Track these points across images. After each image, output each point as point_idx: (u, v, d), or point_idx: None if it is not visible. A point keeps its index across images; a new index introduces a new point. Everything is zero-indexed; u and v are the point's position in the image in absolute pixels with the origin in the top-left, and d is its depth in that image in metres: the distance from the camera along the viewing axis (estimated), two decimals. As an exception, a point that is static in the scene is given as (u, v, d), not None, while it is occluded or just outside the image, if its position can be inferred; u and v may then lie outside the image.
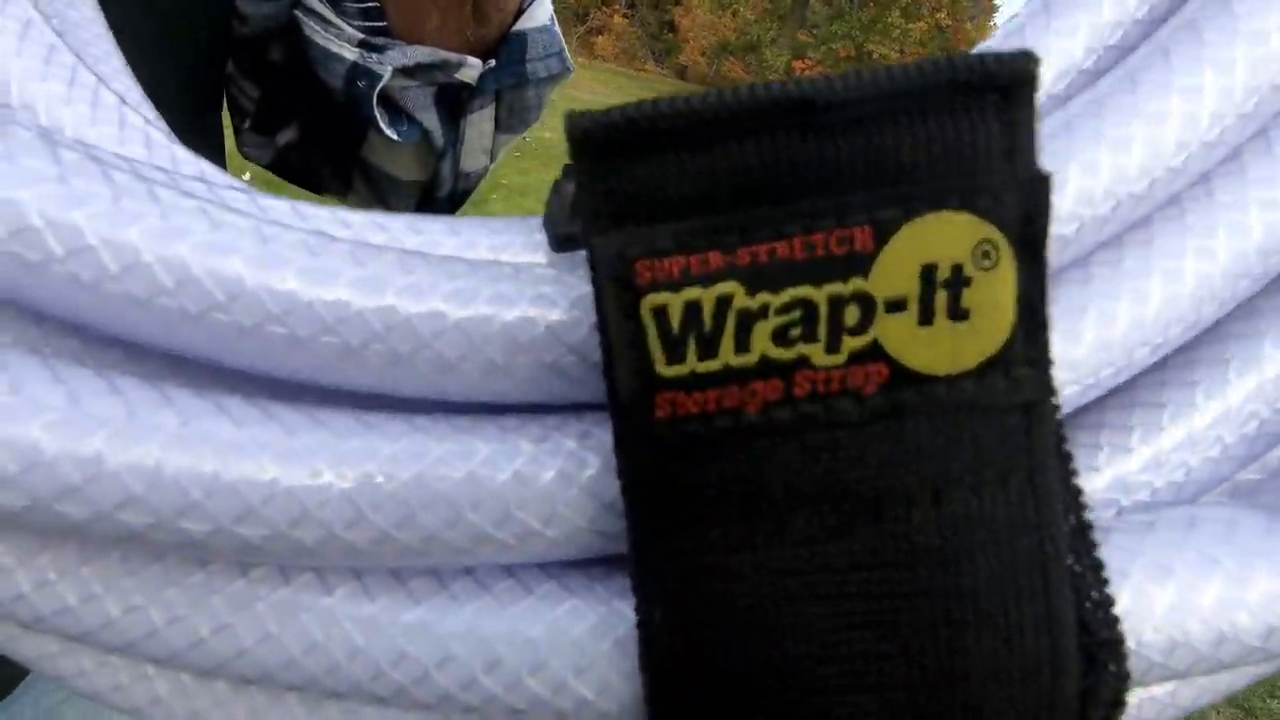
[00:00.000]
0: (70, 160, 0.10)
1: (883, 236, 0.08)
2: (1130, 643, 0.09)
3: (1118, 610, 0.09)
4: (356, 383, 0.10)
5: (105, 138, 0.12)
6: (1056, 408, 0.09)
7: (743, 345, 0.09)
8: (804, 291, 0.08)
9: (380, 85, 0.30)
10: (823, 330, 0.08)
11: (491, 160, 0.37)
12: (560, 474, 0.10)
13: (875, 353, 0.09)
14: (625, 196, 0.08)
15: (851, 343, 0.09)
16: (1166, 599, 0.10)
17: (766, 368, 0.09)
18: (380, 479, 0.09)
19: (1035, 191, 0.08)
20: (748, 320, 0.08)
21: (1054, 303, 0.11)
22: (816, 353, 0.09)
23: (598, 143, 0.08)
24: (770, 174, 0.08)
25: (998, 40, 0.13)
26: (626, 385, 0.09)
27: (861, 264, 0.08)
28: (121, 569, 0.10)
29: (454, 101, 0.33)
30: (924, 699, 0.09)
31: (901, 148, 0.08)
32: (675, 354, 0.09)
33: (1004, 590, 0.09)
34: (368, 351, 0.09)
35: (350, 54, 0.30)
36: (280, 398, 0.10)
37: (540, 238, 0.11)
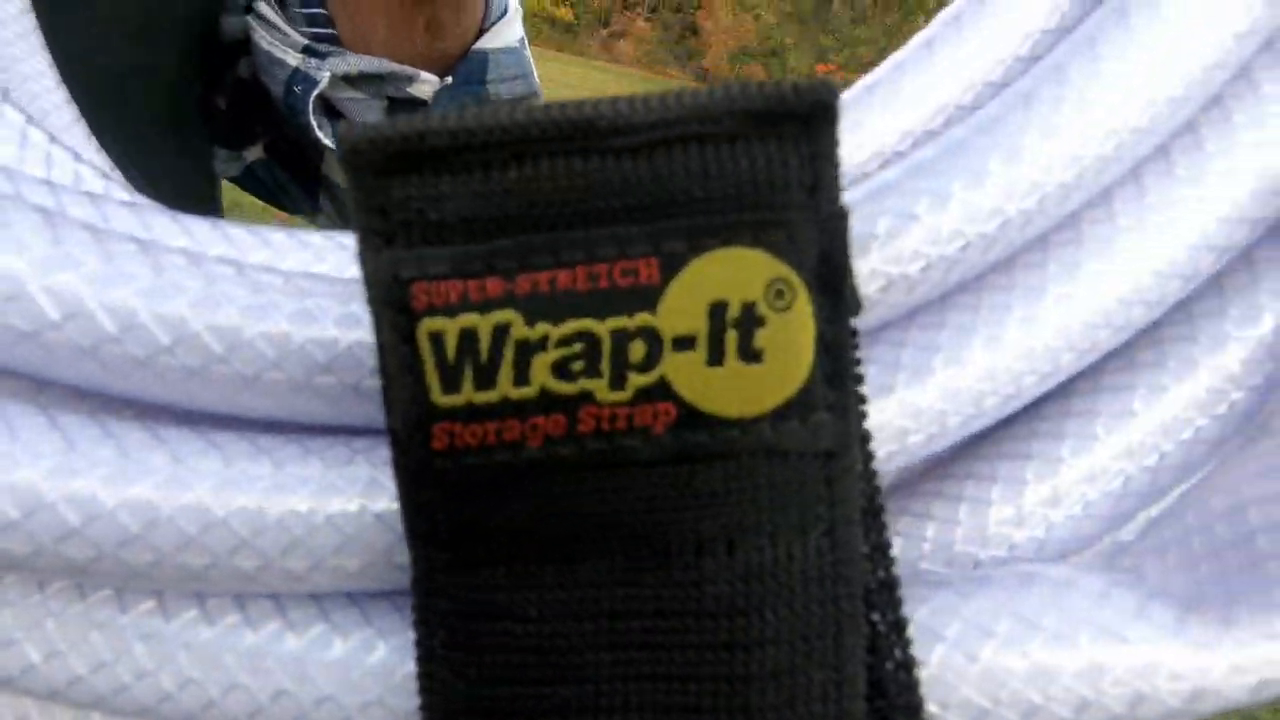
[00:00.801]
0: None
1: (669, 270, 0.08)
2: (933, 708, 0.09)
3: (925, 673, 0.09)
4: (154, 394, 0.10)
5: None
6: (868, 456, 0.09)
7: (522, 377, 0.08)
8: (586, 324, 0.08)
9: (316, 90, 0.29)
10: (606, 365, 0.08)
11: None
12: (359, 503, 0.09)
13: (663, 391, 0.08)
14: (400, 216, 0.08)
15: (637, 379, 0.08)
16: (981, 663, 0.09)
17: (548, 401, 0.08)
18: (158, 499, 0.09)
19: (835, 229, 0.08)
20: (527, 351, 0.08)
21: (902, 346, 0.10)
22: (600, 388, 0.08)
23: (371, 159, 0.08)
24: (553, 200, 0.08)
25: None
26: (403, 413, 0.08)
27: (648, 298, 0.08)
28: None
29: (404, 112, 0.32)
30: None
31: (691, 177, 0.08)
32: (452, 383, 0.08)
33: (794, 647, 0.08)
34: (155, 363, 0.09)
35: (293, 60, 0.30)
36: (112, 413, 0.10)
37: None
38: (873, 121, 0.11)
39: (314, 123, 0.30)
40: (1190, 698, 0.09)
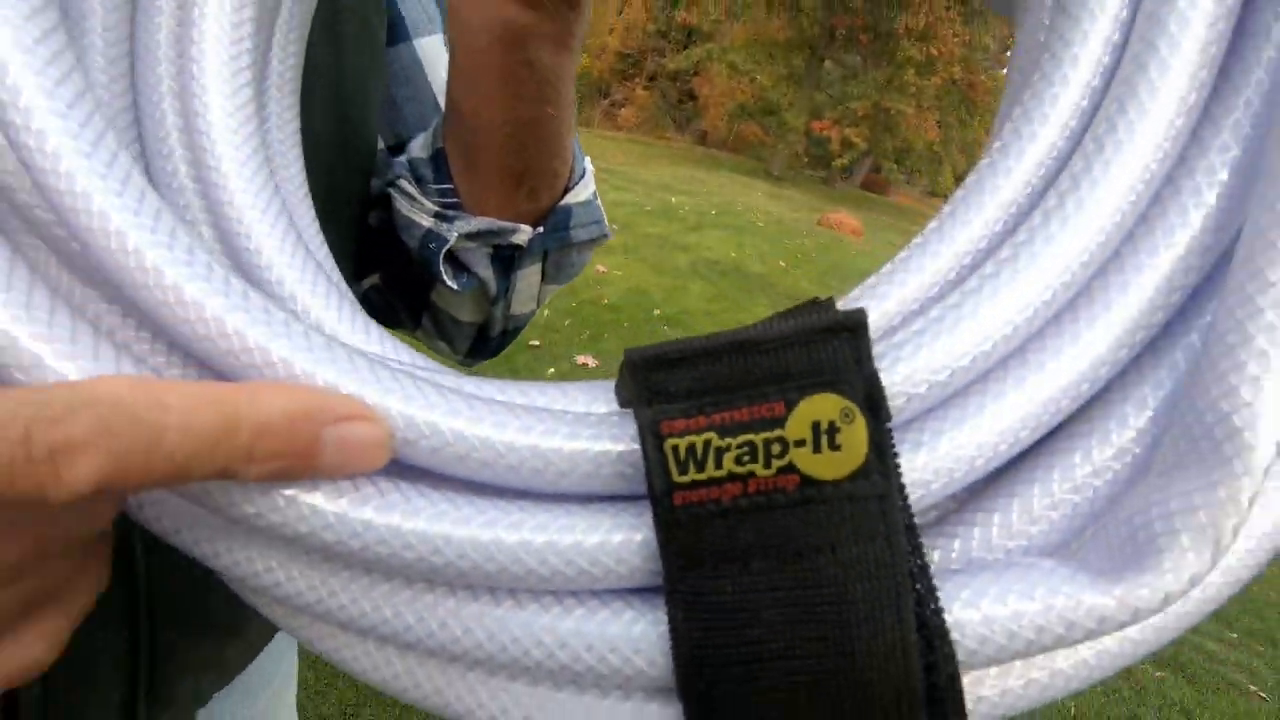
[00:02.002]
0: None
1: (790, 406, 0.16)
2: (955, 635, 0.16)
3: (949, 618, 0.16)
4: (487, 479, 0.18)
5: (337, 325, 0.21)
6: (904, 498, 0.16)
7: (719, 465, 0.16)
8: (749, 437, 0.16)
9: (446, 247, 0.37)
10: (761, 456, 0.16)
11: (538, 306, 0.44)
12: (626, 535, 0.17)
13: (791, 469, 0.16)
14: (656, 389, 0.16)
15: (778, 463, 0.16)
16: (981, 610, 0.16)
17: (732, 477, 0.16)
18: (511, 540, 0.17)
19: (873, 379, 0.16)
20: (721, 452, 0.16)
21: (922, 432, 0.18)
22: (759, 469, 0.16)
23: (644, 362, 0.16)
24: (731, 377, 0.16)
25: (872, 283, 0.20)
26: (658, 487, 0.16)
27: (780, 422, 0.16)
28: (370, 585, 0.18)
29: (508, 258, 0.40)
30: (829, 664, 0.16)
31: (798, 362, 0.16)
32: (683, 470, 0.16)
33: (874, 603, 0.16)
34: (497, 466, 0.17)
35: (426, 222, 0.38)
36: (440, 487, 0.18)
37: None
38: (885, 307, 0.19)
39: (443, 271, 0.38)
40: (1099, 623, 0.16)
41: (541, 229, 0.39)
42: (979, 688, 0.17)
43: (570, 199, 0.39)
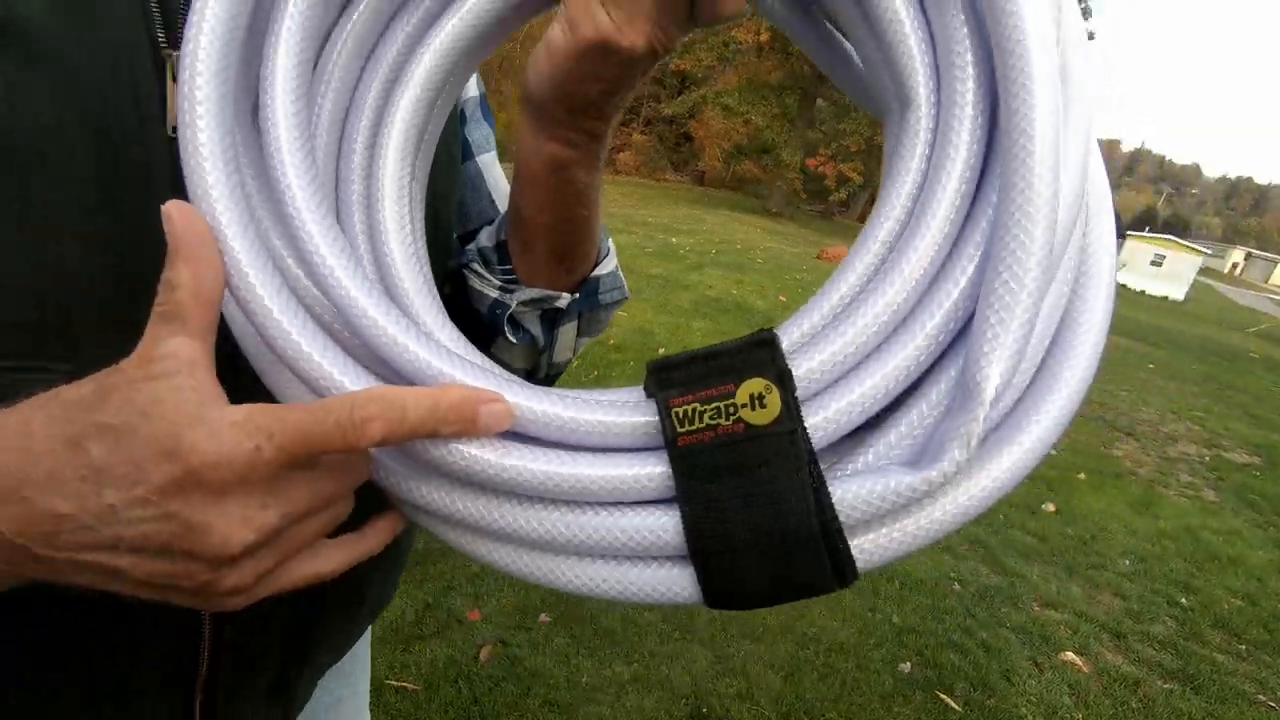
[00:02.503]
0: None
1: (737, 386, 0.29)
2: (837, 505, 0.29)
3: (834, 494, 0.29)
4: (580, 441, 0.31)
5: (468, 354, 0.34)
6: (806, 435, 0.30)
7: (700, 421, 0.29)
8: (717, 404, 0.29)
9: (509, 312, 0.50)
10: (723, 415, 0.29)
11: (574, 355, 0.57)
12: (652, 467, 0.30)
13: (739, 421, 0.29)
14: (664, 381, 0.29)
15: (732, 418, 0.29)
16: (850, 491, 0.29)
17: (709, 427, 0.29)
18: (585, 471, 0.30)
19: (782, 370, 0.29)
20: (702, 414, 0.29)
21: (816, 397, 0.31)
22: (723, 422, 0.29)
23: (654, 368, 0.29)
24: (705, 372, 0.29)
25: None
26: (668, 436, 0.29)
27: (732, 395, 0.29)
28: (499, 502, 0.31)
29: (552, 318, 0.53)
30: (769, 525, 0.29)
31: (741, 362, 0.29)
32: (682, 425, 0.29)
33: (790, 489, 0.29)
34: (582, 433, 0.30)
35: (493, 293, 0.51)
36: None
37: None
38: (802, 326, 0.32)
39: (506, 330, 0.51)
40: (913, 494, 0.29)
41: (577, 295, 0.53)
42: (860, 541, 0.30)
43: (598, 271, 0.53)
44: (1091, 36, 23.38)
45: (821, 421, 0.30)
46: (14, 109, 0.33)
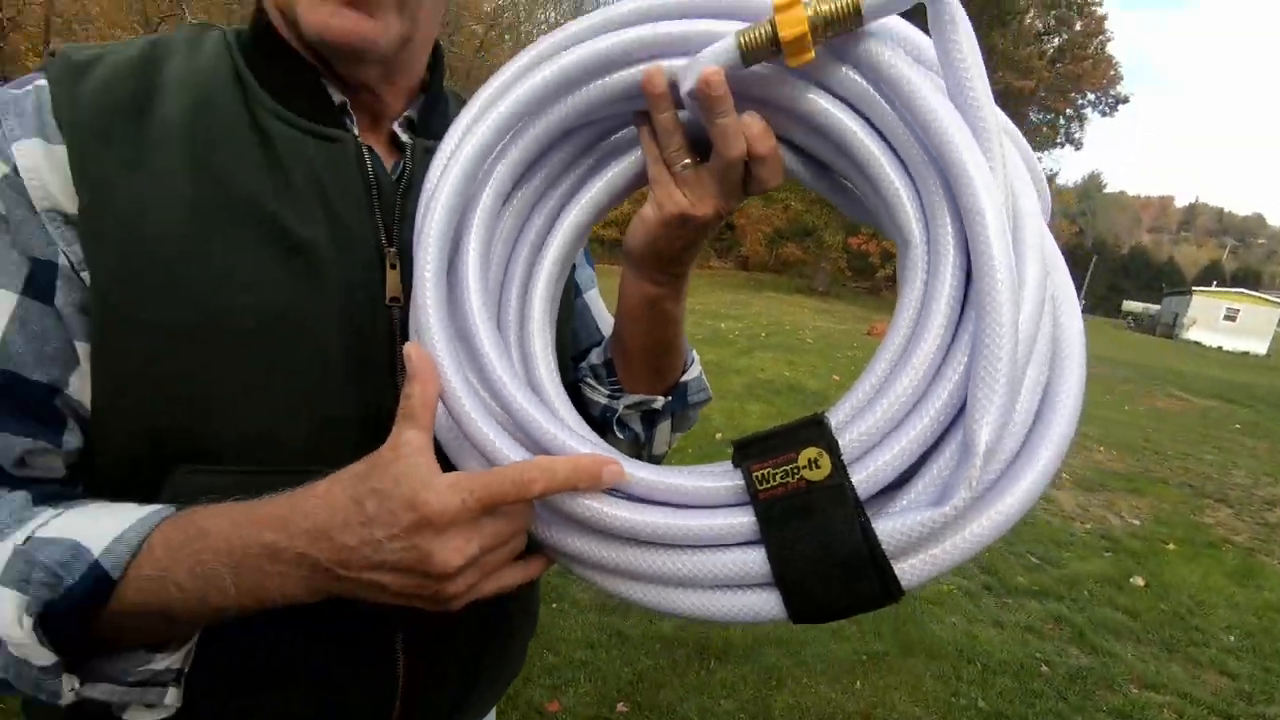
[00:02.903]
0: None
1: (797, 454, 0.41)
2: (881, 537, 0.40)
3: (878, 529, 0.40)
4: (682, 501, 0.43)
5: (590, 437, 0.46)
6: (853, 487, 0.41)
7: (774, 480, 0.41)
8: (785, 467, 0.41)
9: (617, 415, 0.64)
10: (790, 476, 0.41)
11: (669, 448, 0.70)
12: (740, 518, 0.42)
13: (801, 479, 0.41)
14: (745, 454, 0.41)
15: (796, 477, 0.41)
16: (890, 526, 0.40)
17: (781, 485, 0.41)
18: (689, 523, 0.42)
19: (831, 441, 0.41)
20: (774, 475, 0.41)
21: (860, 465, 0.43)
22: (790, 480, 0.41)
23: (739, 444, 0.41)
24: (774, 445, 0.41)
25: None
26: (751, 492, 0.41)
27: (795, 460, 0.41)
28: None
29: (650, 418, 0.66)
30: (828, 554, 0.40)
31: (799, 436, 0.41)
32: (761, 485, 0.41)
33: (845, 530, 0.40)
34: (684, 494, 0.42)
35: (603, 400, 0.65)
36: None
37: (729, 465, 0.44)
38: (851, 403, 0.44)
39: (615, 429, 0.65)
40: (935, 528, 0.39)
41: (670, 398, 0.66)
42: (901, 564, 0.40)
43: (686, 378, 0.67)
44: (1125, 100, 23.59)
45: (865, 476, 0.41)
46: (300, 301, 0.50)
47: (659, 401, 0.64)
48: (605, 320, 0.76)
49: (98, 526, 0.43)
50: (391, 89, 0.58)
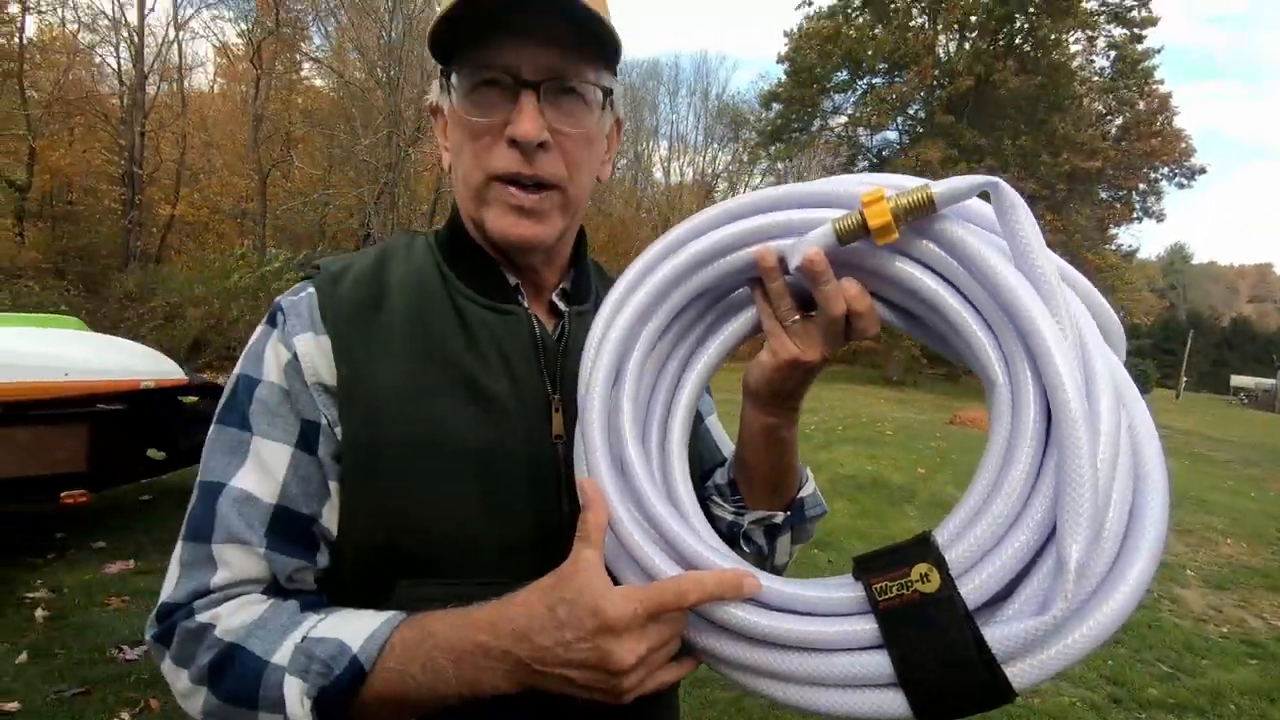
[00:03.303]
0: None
1: (910, 568, 0.48)
2: (990, 643, 0.46)
3: (987, 635, 0.46)
4: (810, 609, 0.50)
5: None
6: (961, 599, 0.47)
7: (891, 592, 0.48)
8: (900, 580, 0.48)
9: (742, 529, 0.73)
10: (906, 588, 0.48)
11: (790, 558, 0.78)
12: (865, 625, 0.49)
13: (915, 591, 0.48)
14: (865, 569, 0.49)
15: (910, 590, 0.48)
16: (999, 632, 0.46)
17: (897, 596, 0.48)
18: (822, 629, 0.49)
19: (939, 557, 0.48)
20: (892, 587, 0.48)
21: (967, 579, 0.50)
22: (904, 592, 0.48)
23: (859, 560, 0.49)
24: (891, 561, 0.49)
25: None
26: (873, 600, 0.48)
27: (909, 574, 0.48)
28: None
29: (772, 532, 0.74)
30: (943, 667, 0.46)
31: (911, 553, 0.48)
32: (881, 595, 0.48)
33: (958, 637, 0.46)
34: (810, 604, 0.50)
35: (729, 516, 0.75)
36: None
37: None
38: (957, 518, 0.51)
39: (741, 543, 0.73)
40: (1039, 636, 0.45)
41: (789, 513, 0.74)
42: (1011, 668, 0.46)
43: (802, 494, 0.75)
44: (1202, 171, 22.95)
45: (972, 589, 0.48)
46: (491, 439, 0.63)
47: (779, 517, 0.73)
48: (725, 442, 0.86)
49: (354, 628, 0.55)
50: (550, 268, 0.74)
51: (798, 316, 0.59)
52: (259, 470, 0.61)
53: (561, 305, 0.75)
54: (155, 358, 4.37)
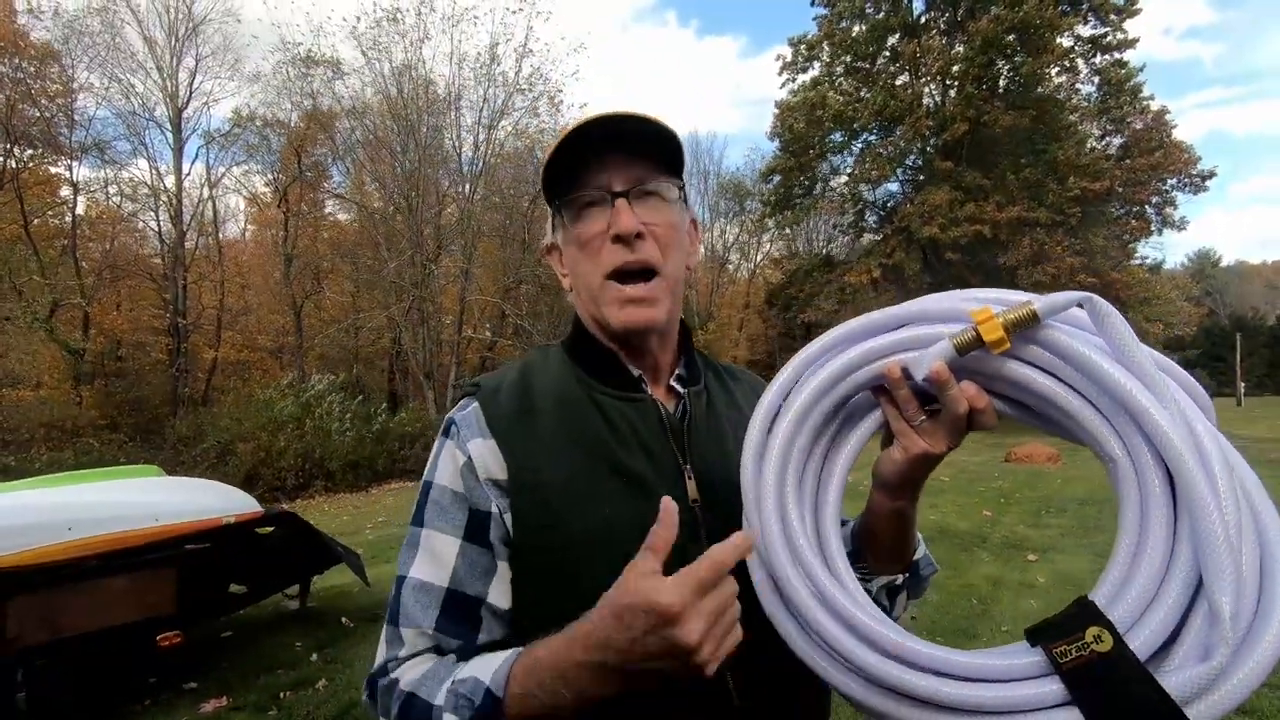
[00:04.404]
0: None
1: (1085, 632, 0.56)
2: (1167, 689, 0.53)
3: (1164, 683, 0.53)
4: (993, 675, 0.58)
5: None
6: (1132, 654, 0.55)
7: (1070, 656, 0.56)
8: (1074, 645, 0.56)
9: (871, 594, 0.80)
10: (1082, 651, 0.56)
11: (905, 612, 0.86)
12: (1051, 687, 0.56)
13: (1093, 653, 0.56)
14: (1040, 636, 0.57)
15: (1086, 651, 0.56)
16: (1174, 682, 0.53)
17: (1075, 657, 0.56)
18: (1010, 693, 0.56)
19: (1107, 621, 0.56)
20: (1068, 651, 0.56)
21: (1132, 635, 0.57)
22: (1083, 654, 0.56)
23: (1030, 630, 0.57)
24: (1062, 628, 0.57)
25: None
26: (1054, 664, 0.56)
27: (1082, 637, 0.56)
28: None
29: (893, 591, 0.83)
30: (1129, 714, 0.53)
31: (1078, 617, 0.56)
32: (1061, 659, 0.56)
33: (1141, 686, 0.54)
34: (993, 672, 0.57)
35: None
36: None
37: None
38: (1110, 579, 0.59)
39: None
40: (1201, 687, 0.53)
41: (907, 574, 0.83)
42: (1190, 711, 0.53)
43: (916, 556, 0.84)
44: (1212, 174, 22.92)
45: (1139, 644, 0.55)
46: (640, 511, 0.70)
47: (900, 579, 0.82)
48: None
49: (487, 667, 0.66)
50: (664, 352, 0.88)
51: (924, 417, 0.69)
52: (431, 560, 0.77)
53: (679, 388, 0.88)
54: (231, 494, 4.55)
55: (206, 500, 4.24)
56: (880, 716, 0.62)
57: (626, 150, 0.81)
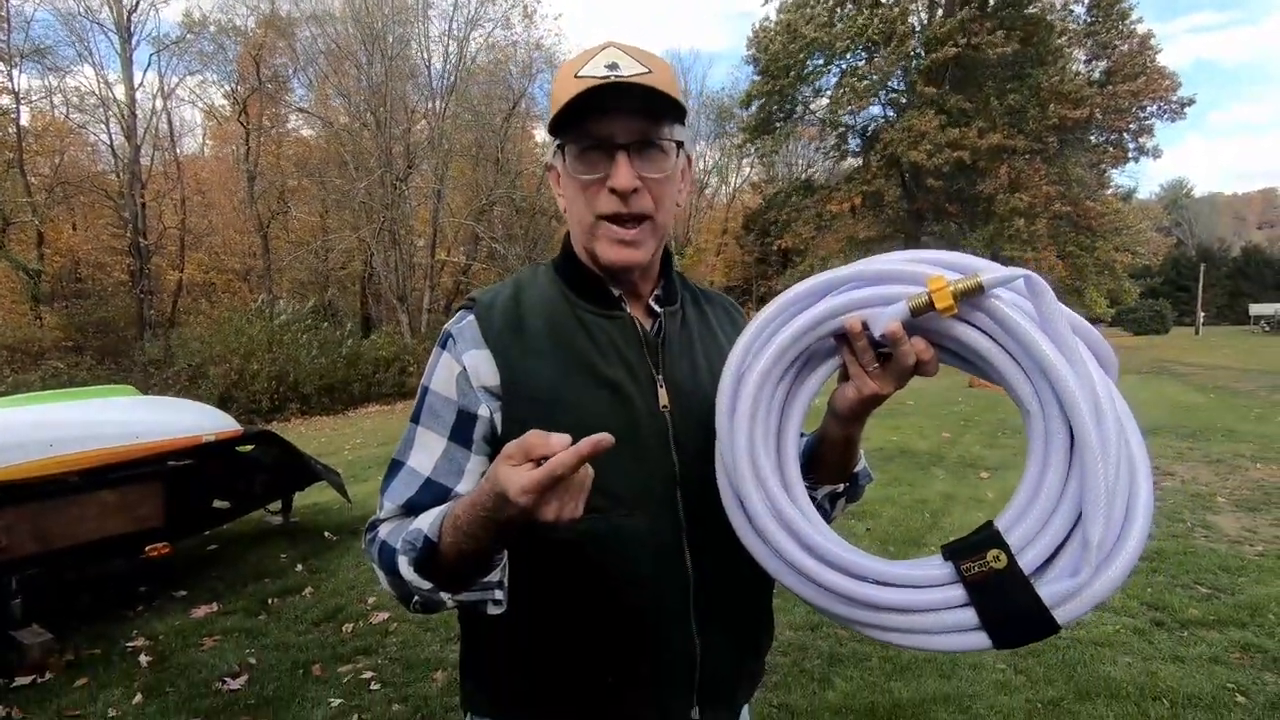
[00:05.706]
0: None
1: (987, 554, 0.69)
2: (1044, 600, 0.66)
3: (1040, 594, 0.66)
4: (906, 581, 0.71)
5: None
6: (1021, 568, 0.68)
7: (973, 570, 0.68)
8: (978, 562, 0.68)
9: (816, 501, 0.94)
10: (985, 566, 0.68)
11: (843, 511, 0.99)
12: (955, 592, 0.69)
13: (990, 568, 0.68)
14: (952, 553, 0.70)
15: (985, 565, 0.68)
16: (1046, 592, 0.66)
17: (977, 571, 0.68)
18: (922, 596, 0.70)
19: (1005, 544, 0.68)
20: (975, 567, 0.69)
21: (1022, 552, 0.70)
22: (980, 569, 0.68)
23: (946, 549, 0.70)
24: (968, 546, 0.69)
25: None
26: (960, 575, 0.69)
27: (984, 557, 0.68)
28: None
29: (834, 497, 0.96)
30: (1012, 616, 0.67)
31: (983, 541, 0.69)
32: (966, 573, 0.69)
33: (1021, 597, 0.67)
34: (908, 582, 0.70)
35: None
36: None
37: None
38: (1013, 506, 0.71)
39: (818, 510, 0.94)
40: (1081, 588, 0.66)
41: (848, 484, 0.97)
42: (1057, 611, 0.66)
43: (857, 469, 0.97)
44: (1191, 103, 22.81)
45: (1027, 562, 0.68)
46: (618, 415, 0.84)
47: (841, 488, 0.96)
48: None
49: (426, 519, 0.79)
50: (645, 280, 0.97)
51: (877, 364, 0.80)
52: (421, 452, 0.89)
53: (656, 307, 0.96)
54: (210, 413, 4.57)
55: (186, 419, 4.26)
56: (821, 612, 0.76)
57: (629, 108, 0.85)
